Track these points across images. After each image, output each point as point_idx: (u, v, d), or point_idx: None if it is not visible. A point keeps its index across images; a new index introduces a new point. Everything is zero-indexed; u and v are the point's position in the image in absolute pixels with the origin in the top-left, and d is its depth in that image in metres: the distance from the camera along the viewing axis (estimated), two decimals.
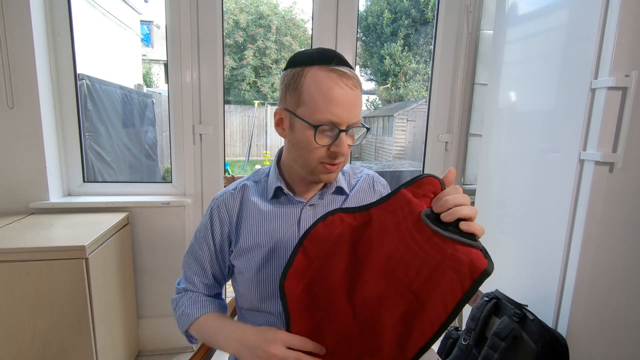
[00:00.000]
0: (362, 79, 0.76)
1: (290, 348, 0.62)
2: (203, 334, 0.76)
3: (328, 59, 0.68)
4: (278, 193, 0.79)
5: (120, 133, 2.88)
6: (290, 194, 0.78)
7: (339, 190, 0.82)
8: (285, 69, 0.72)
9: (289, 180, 0.80)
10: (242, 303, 0.81)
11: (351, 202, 0.81)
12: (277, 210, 0.78)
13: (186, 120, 1.64)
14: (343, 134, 0.68)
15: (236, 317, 0.88)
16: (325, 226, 0.64)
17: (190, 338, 0.81)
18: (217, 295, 0.87)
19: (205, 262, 0.82)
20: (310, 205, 0.79)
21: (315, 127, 0.67)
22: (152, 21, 8.42)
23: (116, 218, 1.45)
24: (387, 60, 10.34)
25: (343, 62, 0.70)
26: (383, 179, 0.90)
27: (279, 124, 0.75)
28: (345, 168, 0.87)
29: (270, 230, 0.77)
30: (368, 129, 0.74)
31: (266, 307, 0.76)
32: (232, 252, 0.80)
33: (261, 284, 0.75)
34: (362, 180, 0.86)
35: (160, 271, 1.67)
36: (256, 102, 8.94)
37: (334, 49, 1.14)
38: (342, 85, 0.66)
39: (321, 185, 0.81)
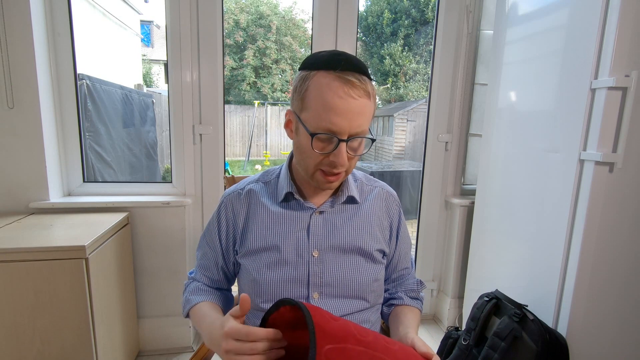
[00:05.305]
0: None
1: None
2: (194, 321, 0.78)
3: (335, 64, 0.65)
4: (288, 197, 0.79)
5: (120, 133, 2.88)
6: (301, 199, 0.78)
7: (351, 199, 0.81)
8: (299, 70, 0.72)
9: (299, 182, 0.80)
10: None
11: (363, 213, 0.81)
12: (286, 213, 0.78)
13: (186, 120, 1.64)
14: (343, 144, 0.66)
15: None
16: None
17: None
18: (222, 289, 0.88)
19: (210, 257, 0.83)
20: (319, 212, 0.78)
21: (312, 135, 0.66)
22: (152, 21, 8.42)
23: (116, 218, 1.45)
24: (387, 60, 10.33)
25: (354, 67, 0.66)
26: (398, 198, 0.89)
27: (287, 124, 0.75)
28: (358, 175, 0.87)
29: (279, 233, 0.77)
30: (373, 140, 0.72)
31: (267, 308, 0.76)
32: (236, 252, 0.80)
33: (265, 286, 0.75)
34: (376, 192, 0.85)
35: (160, 271, 1.66)
36: (256, 102, 8.93)
37: (334, 49, 1.14)
38: (343, 95, 0.64)
39: (332, 191, 0.80)
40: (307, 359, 0.49)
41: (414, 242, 1.89)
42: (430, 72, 1.89)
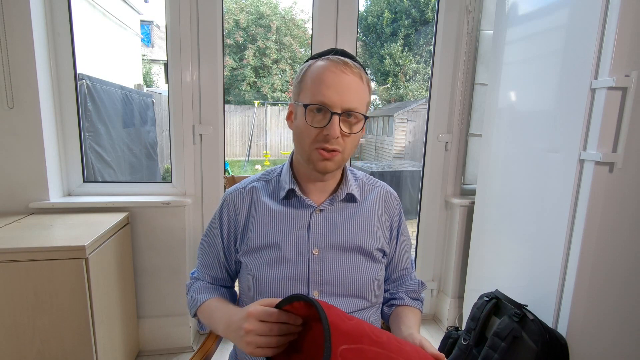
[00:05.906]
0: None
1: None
2: (204, 317, 0.79)
3: (331, 53, 0.74)
4: (289, 194, 0.79)
5: (120, 133, 2.88)
6: (302, 196, 0.78)
7: (350, 198, 0.82)
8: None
9: (300, 180, 0.80)
10: (245, 300, 0.82)
11: (363, 212, 0.81)
12: (287, 211, 0.79)
13: (186, 120, 1.64)
14: (335, 117, 0.69)
15: None
16: None
17: (200, 324, 0.83)
18: (226, 287, 0.88)
19: (212, 256, 0.84)
20: (320, 210, 0.79)
21: (305, 107, 0.70)
22: (152, 21, 8.41)
23: (116, 218, 1.45)
24: (387, 60, 10.33)
25: (349, 56, 0.74)
26: (398, 198, 0.90)
27: (288, 116, 0.79)
28: (359, 175, 0.88)
29: (279, 231, 0.77)
30: (366, 118, 0.75)
31: None
32: (237, 250, 0.81)
33: (266, 284, 0.75)
34: (376, 192, 0.86)
35: (160, 271, 1.66)
36: (256, 102, 8.93)
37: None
38: (335, 70, 0.70)
39: (332, 189, 0.81)
40: (322, 358, 0.48)
41: (414, 242, 1.89)
42: (430, 72, 1.89)
